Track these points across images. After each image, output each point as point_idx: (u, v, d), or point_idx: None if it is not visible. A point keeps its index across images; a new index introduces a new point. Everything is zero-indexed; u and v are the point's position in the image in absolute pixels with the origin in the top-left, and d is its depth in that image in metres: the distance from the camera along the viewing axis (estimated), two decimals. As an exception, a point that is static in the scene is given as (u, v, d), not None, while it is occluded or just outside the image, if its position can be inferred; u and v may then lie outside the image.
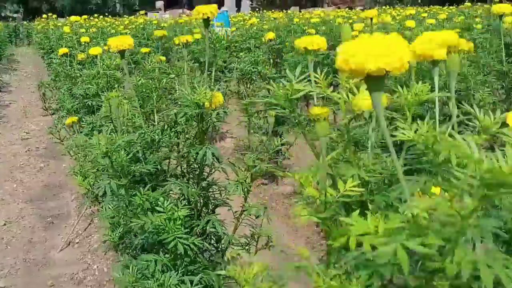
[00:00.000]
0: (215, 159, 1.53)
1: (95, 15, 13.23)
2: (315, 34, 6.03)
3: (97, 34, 6.10)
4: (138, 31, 8.00)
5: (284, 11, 11.63)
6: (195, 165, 1.73)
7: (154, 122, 1.96)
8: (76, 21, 5.42)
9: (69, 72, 4.18)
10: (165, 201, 1.49)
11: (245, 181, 1.63)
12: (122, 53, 1.61)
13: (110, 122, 2.41)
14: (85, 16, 5.67)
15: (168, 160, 1.71)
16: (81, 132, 3.55)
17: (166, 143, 1.68)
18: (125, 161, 1.55)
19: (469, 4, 7.66)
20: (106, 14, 17.71)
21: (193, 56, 6.09)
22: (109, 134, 1.54)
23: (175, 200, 1.68)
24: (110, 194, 1.45)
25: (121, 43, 1.57)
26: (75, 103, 4.03)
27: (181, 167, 1.69)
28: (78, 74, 3.98)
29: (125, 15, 19.58)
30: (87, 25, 8.71)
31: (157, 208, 1.49)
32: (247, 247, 1.84)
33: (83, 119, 3.66)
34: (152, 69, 2.58)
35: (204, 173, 1.66)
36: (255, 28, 7.86)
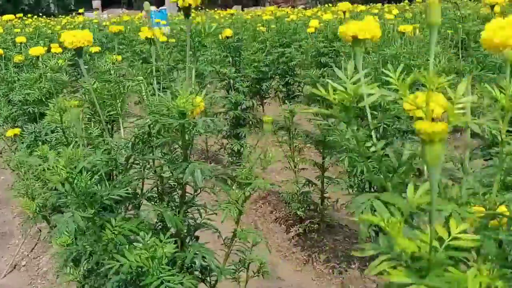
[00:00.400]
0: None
1: (28, 15, 12.23)
2: (266, 32, 5.78)
3: (34, 34, 5.50)
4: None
5: (228, 9, 11.31)
6: (172, 182, 1.41)
7: (120, 134, 1.62)
8: (9, 20, 4.81)
9: (4, 76, 3.65)
10: (145, 234, 1.16)
11: (237, 201, 1.34)
12: (79, 51, 1.25)
13: (57, 133, 2.02)
14: (20, 15, 5.07)
15: (141, 181, 1.38)
16: (22, 142, 3.08)
17: (139, 161, 1.34)
18: (90, 186, 1.21)
19: (406, 2, 7.75)
20: (40, 14, 16.52)
21: (140, 57, 5.64)
22: (65, 149, 1.19)
23: (150, 226, 1.36)
24: (74, 230, 1.11)
25: (77, 40, 1.22)
26: (13, 110, 3.53)
27: (157, 188, 1.37)
28: (16, 78, 3.48)
29: (60, 15, 18.38)
30: (21, 25, 7.94)
31: (135, 244, 1.16)
32: (235, 273, 1.55)
33: (23, 127, 3.19)
34: (107, 70, 2.21)
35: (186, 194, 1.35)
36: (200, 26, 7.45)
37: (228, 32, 3.74)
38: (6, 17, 4.83)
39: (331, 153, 2.84)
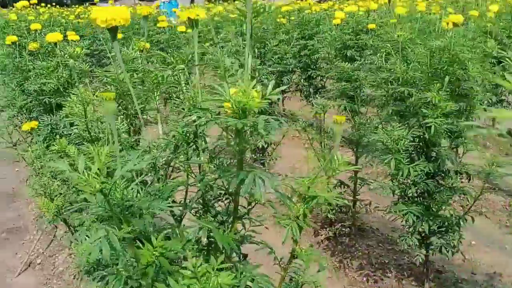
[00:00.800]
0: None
1: (42, 4, 12.03)
2: (287, 23, 5.51)
3: (49, 22, 5.27)
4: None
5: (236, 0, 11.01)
6: (218, 191, 1.18)
7: (147, 131, 1.39)
8: (23, 7, 4.59)
9: (19, 64, 3.43)
10: (196, 258, 0.93)
11: (298, 217, 1.10)
12: (113, 31, 1.01)
13: (76, 126, 1.79)
14: (34, 1, 4.87)
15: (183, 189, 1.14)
16: (38, 135, 2.86)
17: (181, 165, 1.11)
18: (126, 197, 0.98)
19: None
20: (53, 4, 16.30)
21: (157, 47, 5.41)
22: (98, 152, 0.95)
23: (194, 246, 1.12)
24: (109, 254, 0.88)
25: (112, 17, 0.98)
26: (28, 101, 3.31)
27: (203, 199, 1.13)
28: (31, 67, 3.25)
29: (73, 5, 18.17)
30: (35, 13, 7.73)
31: (183, 271, 0.93)
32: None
33: (39, 119, 2.98)
34: (133, 59, 1.98)
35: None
36: (217, 18, 7.22)
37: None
38: (21, 3, 4.62)
39: (370, 153, 2.59)
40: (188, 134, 1.09)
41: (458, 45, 2.23)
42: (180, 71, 1.27)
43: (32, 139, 3.03)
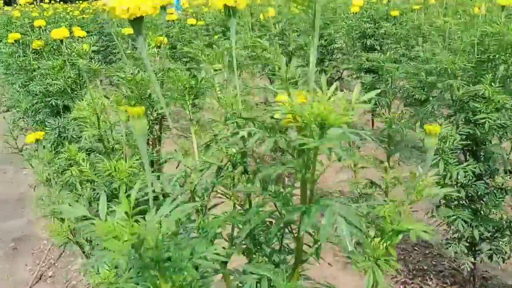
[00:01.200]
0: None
1: (46, 1, 11.74)
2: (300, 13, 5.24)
3: (53, 18, 5.00)
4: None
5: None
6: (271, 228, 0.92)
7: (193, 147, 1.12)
8: (27, 3, 4.33)
9: (22, 64, 3.17)
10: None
11: (379, 257, 0.85)
12: (137, 23, 0.75)
13: (86, 131, 1.53)
14: (38, -4, 4.60)
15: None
16: (45, 139, 2.61)
17: (226, 194, 0.85)
18: (162, 245, 0.73)
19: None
20: (57, 0, 15.99)
21: (170, 42, 5.13)
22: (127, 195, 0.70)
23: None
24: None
25: (137, 5, 0.72)
26: (34, 102, 3.06)
27: (253, 237, 0.88)
28: (36, 66, 3.00)
29: (76, 1, 17.83)
30: (38, 10, 7.45)
31: None
32: None
33: (46, 122, 2.74)
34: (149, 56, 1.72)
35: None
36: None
37: (271, 11, 3.20)
38: (24, -1, 4.37)
39: (404, 151, 2.32)
40: (233, 155, 0.84)
41: (512, 30, 1.95)
42: (217, 72, 1.01)
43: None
